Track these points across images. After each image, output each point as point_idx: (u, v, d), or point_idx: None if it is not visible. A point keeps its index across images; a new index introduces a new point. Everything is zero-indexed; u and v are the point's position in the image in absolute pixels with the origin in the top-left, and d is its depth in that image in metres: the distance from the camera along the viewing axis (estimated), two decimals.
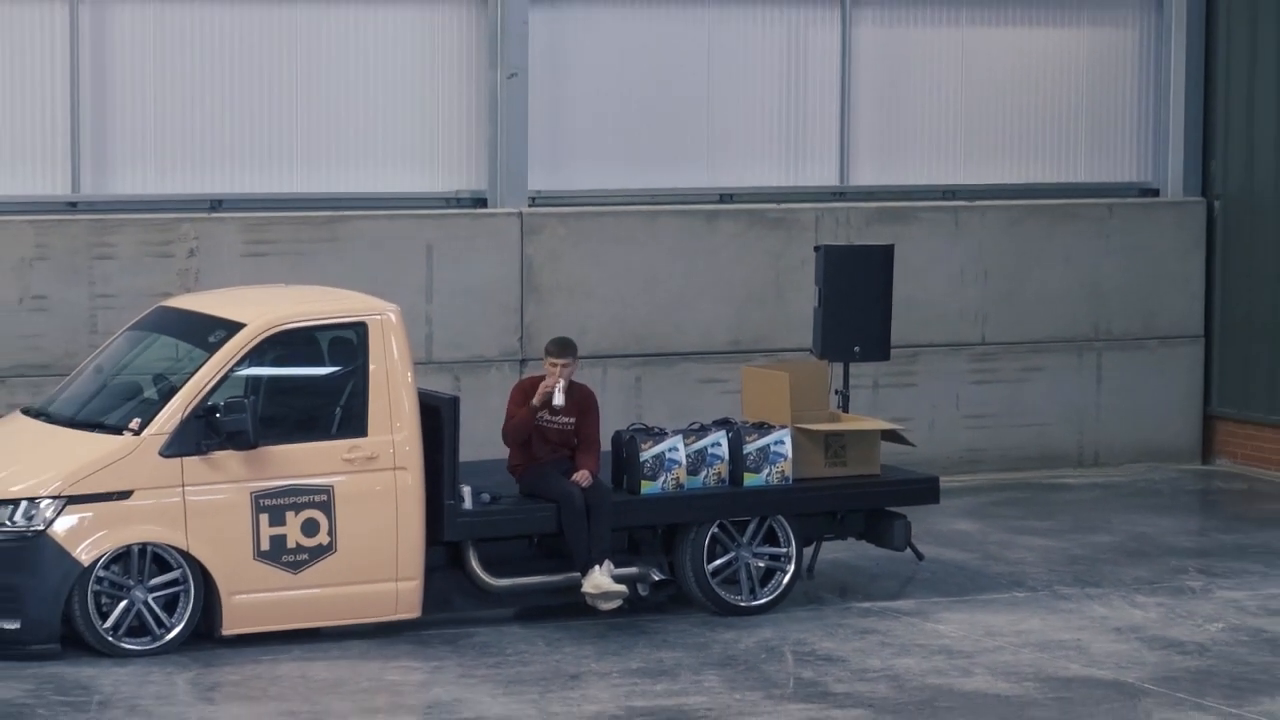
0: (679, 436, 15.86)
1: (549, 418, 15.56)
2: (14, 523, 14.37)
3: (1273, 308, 21.27)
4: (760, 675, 14.44)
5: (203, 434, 14.61)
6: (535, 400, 15.37)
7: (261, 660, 14.52)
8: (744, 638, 15.27)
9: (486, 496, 15.46)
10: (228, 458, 14.68)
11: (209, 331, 15.15)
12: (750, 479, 15.88)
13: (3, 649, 14.31)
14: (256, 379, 15.01)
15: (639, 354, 19.87)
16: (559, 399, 15.25)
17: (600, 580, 15.33)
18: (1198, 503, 20.65)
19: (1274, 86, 21.18)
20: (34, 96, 18.75)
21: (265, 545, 14.75)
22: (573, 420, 15.57)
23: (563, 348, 15.69)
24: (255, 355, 14.96)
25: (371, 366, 15.06)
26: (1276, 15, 21.07)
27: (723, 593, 15.78)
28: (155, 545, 14.55)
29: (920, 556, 16.88)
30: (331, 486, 14.90)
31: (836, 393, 17.21)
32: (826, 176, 21.09)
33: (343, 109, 19.59)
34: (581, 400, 15.69)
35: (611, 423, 16.39)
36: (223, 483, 14.70)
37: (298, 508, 14.83)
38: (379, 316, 15.24)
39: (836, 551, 16.79)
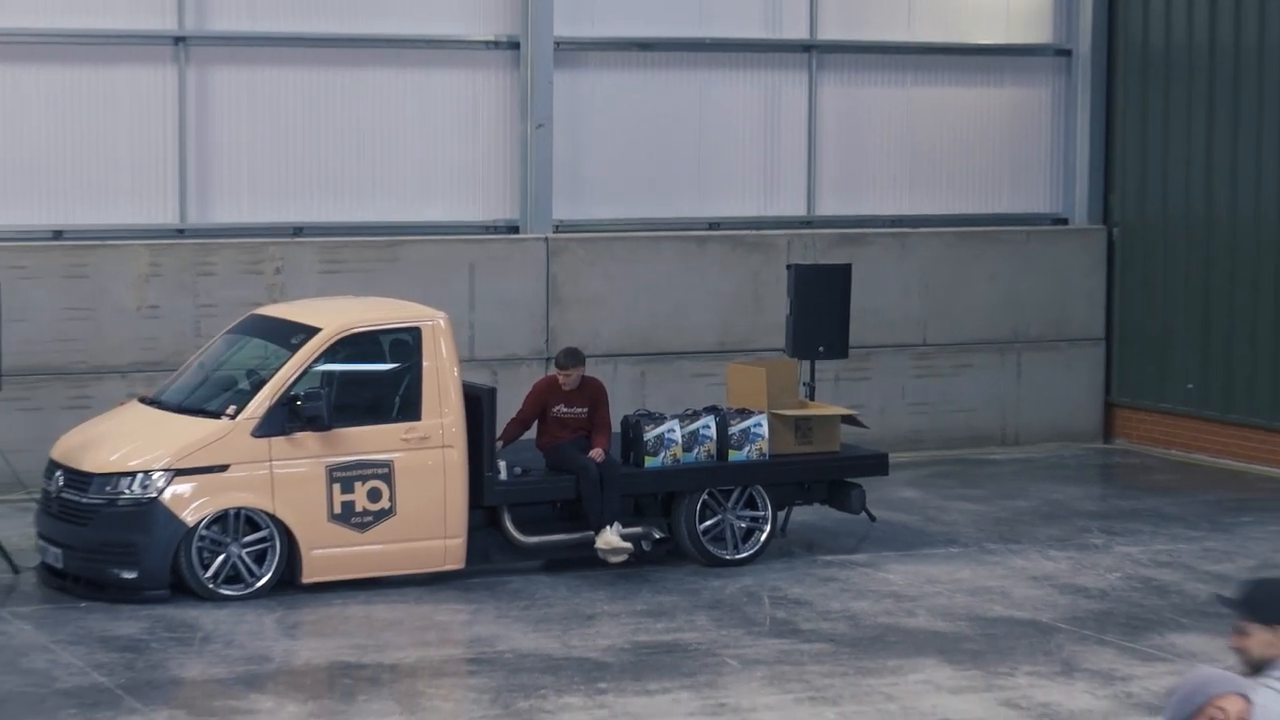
0: (676, 420, 15.85)
1: (565, 410, 15.58)
2: (132, 491, 14.43)
3: (1161, 316, 21.23)
4: (742, 615, 14.43)
5: (286, 418, 14.63)
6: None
7: (334, 603, 14.55)
8: (729, 585, 15.24)
9: (519, 469, 15.47)
10: (307, 438, 14.70)
11: (291, 334, 15.17)
12: (734, 455, 15.85)
13: (122, 594, 14.38)
14: (330, 373, 15.04)
15: (643, 353, 19.81)
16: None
17: (611, 538, 15.33)
18: (1099, 475, 20.61)
19: (1161, 136, 21.14)
20: (149, 142, 18.71)
21: (338, 509, 14.75)
22: (585, 410, 15.62)
23: (568, 357, 15.85)
24: (329, 354, 14.98)
25: (425, 363, 15.06)
26: (1163, 80, 21.02)
27: (711, 548, 15.73)
28: (247, 509, 14.59)
29: (873, 518, 16.85)
30: (392, 461, 14.88)
31: (804, 385, 17.16)
32: (796, 208, 21.02)
33: (401, 152, 19.53)
34: (594, 392, 15.74)
35: (621, 409, 16.35)
36: (303, 458, 14.71)
37: (364, 478, 14.82)
38: (430, 322, 15.23)
39: (804, 515, 16.73)
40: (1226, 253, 20.50)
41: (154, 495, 14.41)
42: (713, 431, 15.83)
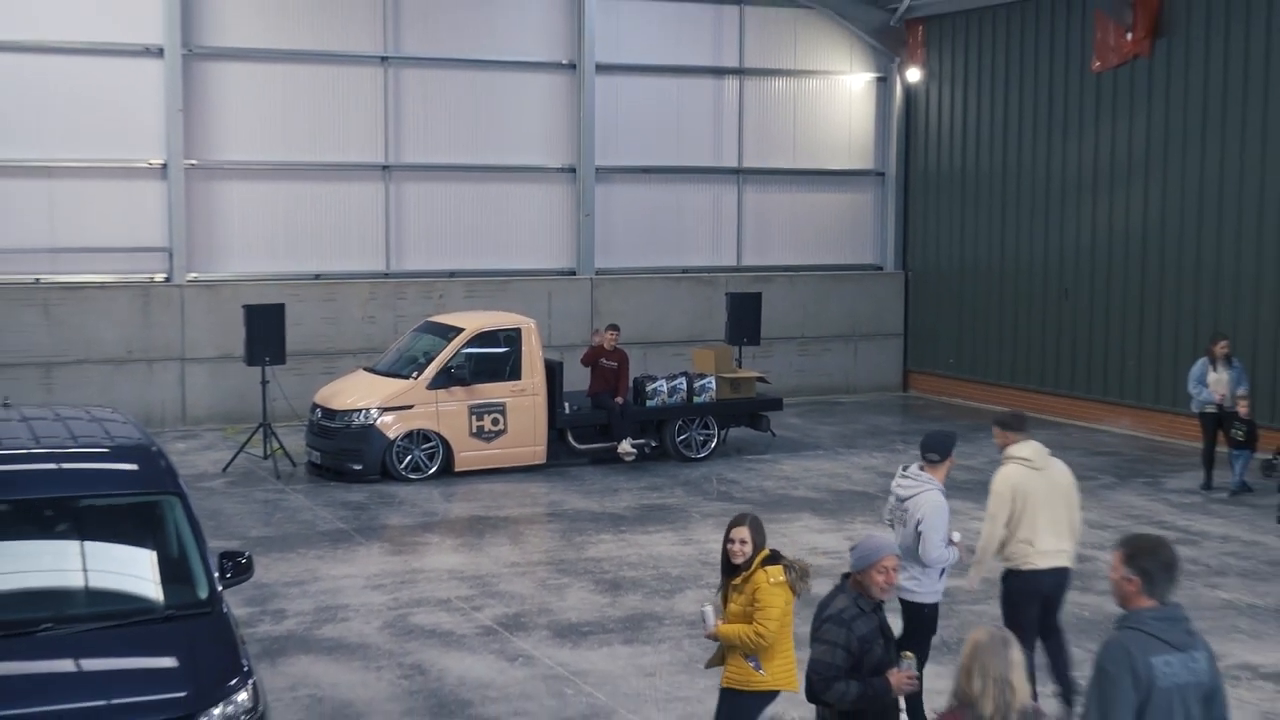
0: (664, 380, 15.80)
1: (605, 362, 15.56)
2: (359, 420, 14.46)
3: (934, 320, 21.20)
4: (700, 489, 14.42)
5: (446, 378, 14.64)
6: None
7: (472, 483, 14.55)
8: (693, 472, 15.22)
9: (576, 407, 15.44)
10: (457, 389, 14.70)
11: (448, 332, 15.15)
12: (696, 399, 15.80)
13: (354, 477, 14.38)
14: (471, 353, 14.95)
15: (645, 342, 19.66)
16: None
17: (626, 446, 15.35)
18: (901, 410, 20.51)
19: (935, 221, 21.11)
20: (368, 224, 18.70)
21: (474, 430, 14.73)
22: (616, 364, 15.55)
23: (611, 326, 15.95)
24: (470, 342, 14.94)
25: (523, 348, 15.03)
26: (936, 188, 20.99)
27: (684, 451, 15.71)
28: (424, 429, 14.59)
29: (773, 435, 16.79)
30: (505, 403, 14.85)
31: (736, 360, 17.10)
32: (730, 260, 20.92)
33: (510, 229, 19.46)
34: (622, 356, 15.67)
35: (633, 372, 16.25)
36: (454, 401, 14.67)
37: (489, 412, 14.79)
38: (526, 325, 15.21)
39: (735, 433, 16.68)
40: (971, 285, 20.44)
41: (371, 422, 14.42)
42: (684, 386, 15.78)
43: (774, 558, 6.38)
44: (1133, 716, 4.41)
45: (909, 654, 5.67)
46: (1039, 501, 7.90)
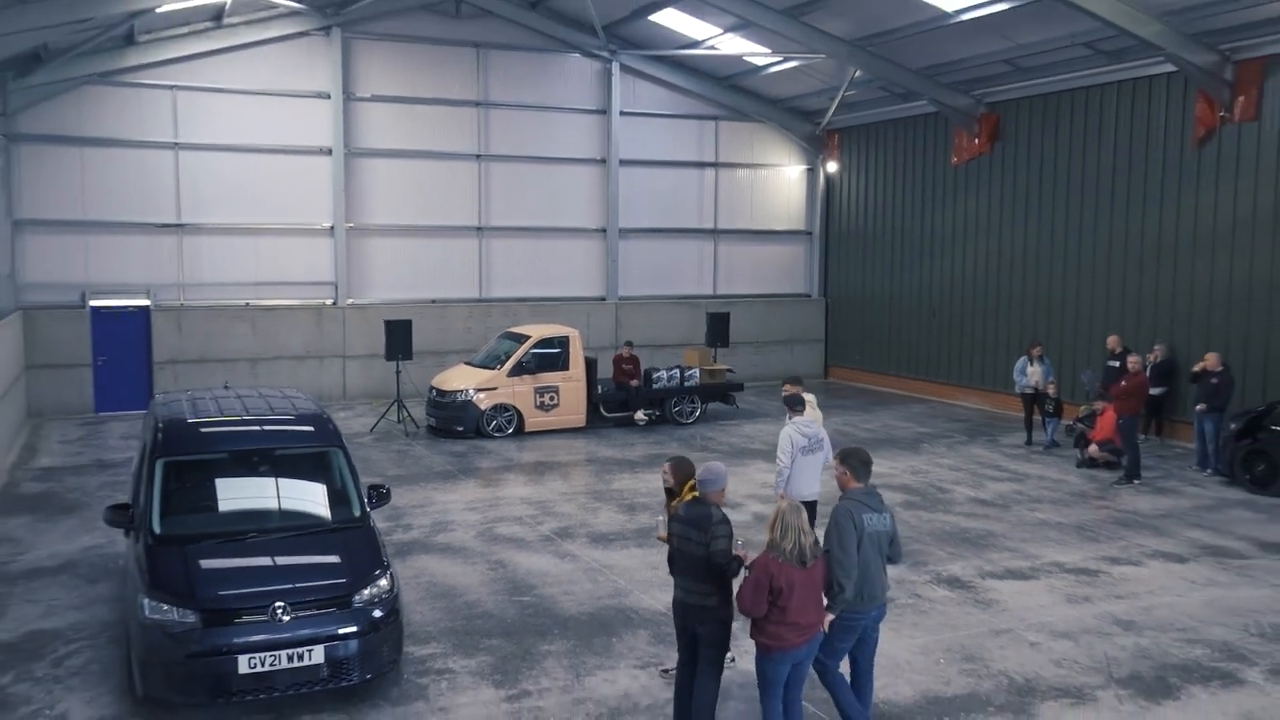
0: (664, 370, 15.70)
1: (625, 365, 15.41)
2: (462, 397, 14.30)
3: (845, 330, 21.00)
4: (690, 443, 14.25)
5: (520, 369, 14.49)
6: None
7: (538, 438, 14.42)
8: (684, 432, 15.09)
9: (605, 388, 15.30)
10: (527, 377, 14.57)
11: (521, 338, 15.04)
12: (686, 383, 15.69)
13: (457, 436, 14.27)
14: (536, 353, 14.83)
15: (653, 345, 19.62)
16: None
17: (640, 415, 15.22)
18: (824, 391, 20.26)
19: (847, 264, 20.92)
20: (466, 266, 18.58)
21: (538, 404, 14.64)
22: (632, 365, 15.42)
23: (627, 343, 15.70)
24: (535, 345, 14.82)
25: (571, 349, 14.92)
26: (848, 241, 20.80)
27: (678, 418, 15.60)
28: (505, 403, 14.48)
29: (738, 407, 16.67)
30: (558, 385, 14.76)
31: (713, 357, 17.00)
32: (709, 290, 20.76)
33: (559, 269, 19.36)
34: (636, 360, 15.53)
35: (644, 364, 16.14)
36: (525, 384, 14.59)
37: (548, 392, 14.69)
38: (573, 333, 15.08)
39: (712, 407, 16.61)
40: (871, 307, 20.22)
41: (470, 398, 14.33)
42: (678, 374, 15.68)
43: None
44: (855, 546, 5.47)
45: (741, 540, 5.74)
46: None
